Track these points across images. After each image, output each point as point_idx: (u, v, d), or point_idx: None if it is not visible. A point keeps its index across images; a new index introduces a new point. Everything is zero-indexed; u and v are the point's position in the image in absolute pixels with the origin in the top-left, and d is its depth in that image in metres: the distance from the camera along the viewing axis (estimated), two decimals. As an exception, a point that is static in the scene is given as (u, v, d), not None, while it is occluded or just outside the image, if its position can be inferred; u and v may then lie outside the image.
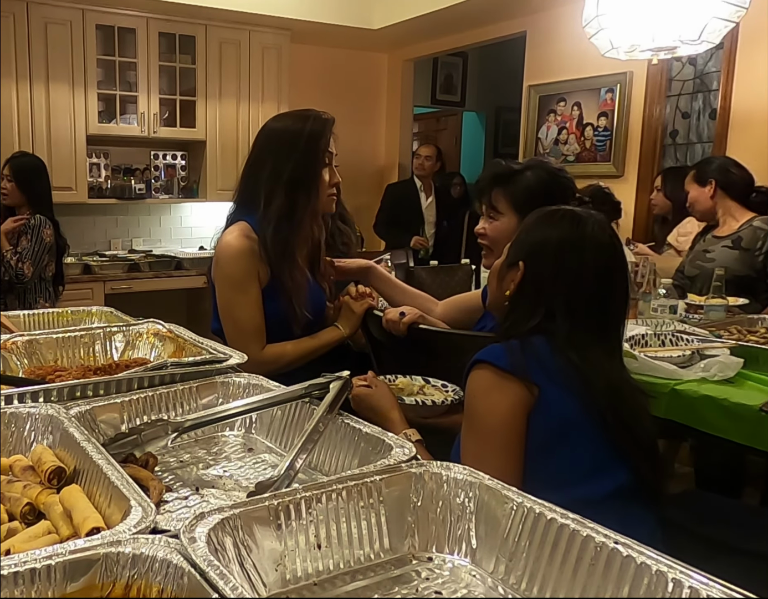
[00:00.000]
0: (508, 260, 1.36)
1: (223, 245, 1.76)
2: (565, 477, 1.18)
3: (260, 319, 1.76)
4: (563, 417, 1.20)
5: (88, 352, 1.61)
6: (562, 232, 1.28)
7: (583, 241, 1.27)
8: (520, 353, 1.22)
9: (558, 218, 1.31)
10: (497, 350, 1.24)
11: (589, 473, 1.19)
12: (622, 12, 2.59)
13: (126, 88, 4.65)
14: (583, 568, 0.75)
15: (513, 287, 1.32)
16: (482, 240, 1.76)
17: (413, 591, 0.81)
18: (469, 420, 1.25)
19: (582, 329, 1.24)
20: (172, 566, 0.69)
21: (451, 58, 6.43)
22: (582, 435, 1.20)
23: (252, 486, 0.99)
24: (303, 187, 1.73)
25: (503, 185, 1.70)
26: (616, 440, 1.20)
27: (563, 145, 4.51)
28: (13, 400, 1.15)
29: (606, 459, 1.21)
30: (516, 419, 1.20)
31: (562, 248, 1.27)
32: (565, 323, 1.24)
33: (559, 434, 1.20)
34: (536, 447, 1.19)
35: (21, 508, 0.87)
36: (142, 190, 4.86)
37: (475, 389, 1.24)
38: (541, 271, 1.28)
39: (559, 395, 1.20)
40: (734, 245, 2.78)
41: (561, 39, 4.37)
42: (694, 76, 3.89)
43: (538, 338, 1.25)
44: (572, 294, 1.25)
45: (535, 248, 1.30)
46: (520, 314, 1.29)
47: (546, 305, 1.26)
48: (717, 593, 0.65)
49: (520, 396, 1.19)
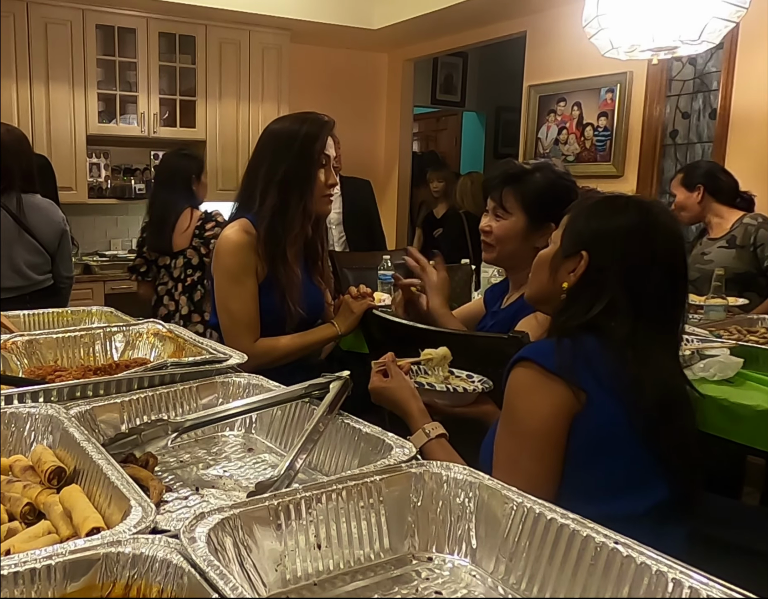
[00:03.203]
0: (565, 250, 1.25)
1: (223, 239, 1.82)
2: (602, 489, 1.12)
3: (255, 312, 1.80)
4: (608, 427, 1.13)
5: (88, 352, 1.62)
6: (630, 219, 1.20)
7: (654, 229, 1.19)
8: (570, 354, 1.14)
9: (623, 204, 1.23)
10: (545, 348, 1.16)
11: (628, 486, 1.13)
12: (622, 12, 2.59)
13: (126, 88, 4.65)
14: (583, 568, 0.75)
15: (573, 278, 1.22)
16: (486, 237, 1.76)
17: (413, 591, 0.81)
18: (506, 419, 1.18)
19: (644, 325, 1.16)
20: (172, 566, 0.69)
21: (451, 58, 6.43)
22: (625, 447, 1.13)
23: (252, 486, 0.99)
24: (296, 186, 1.78)
25: (514, 185, 1.71)
26: (660, 453, 1.14)
27: (563, 145, 4.51)
28: (13, 400, 1.15)
29: (646, 473, 1.14)
30: (557, 425, 1.13)
31: (631, 235, 1.18)
32: (627, 317, 1.15)
33: (601, 444, 1.13)
34: (575, 456, 1.13)
35: (21, 508, 0.87)
36: (142, 190, 4.86)
37: (516, 387, 1.17)
38: (607, 260, 1.19)
39: (607, 403, 1.13)
40: (729, 244, 2.82)
41: (561, 39, 4.37)
42: (694, 76, 3.89)
43: (590, 338, 1.17)
44: (638, 286, 1.17)
45: (601, 235, 1.21)
46: (580, 307, 1.20)
47: (608, 297, 1.17)
48: (717, 593, 0.65)
49: (565, 400, 1.12)
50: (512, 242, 1.71)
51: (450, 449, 1.25)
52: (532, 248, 1.70)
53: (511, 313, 1.72)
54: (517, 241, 1.71)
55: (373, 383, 1.40)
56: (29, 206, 2.88)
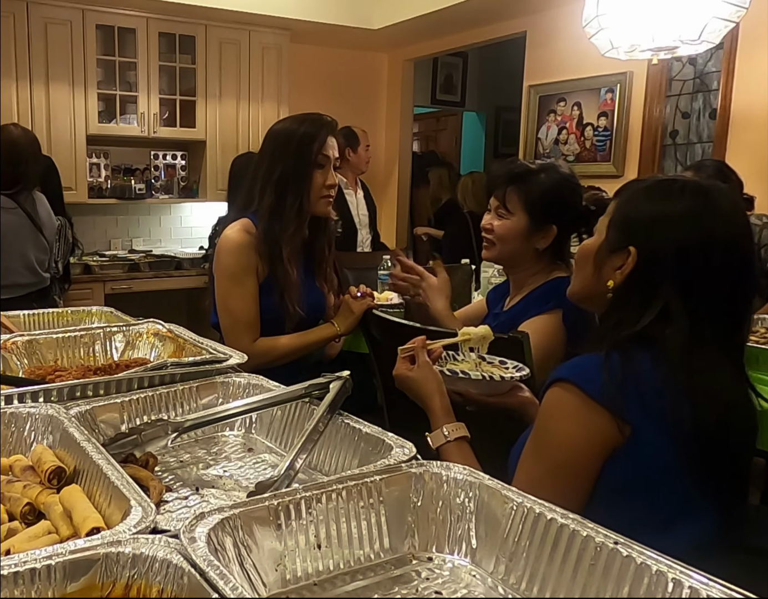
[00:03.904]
0: (610, 244, 1.10)
1: (224, 239, 1.83)
2: (639, 526, 0.96)
3: (255, 311, 1.81)
4: (653, 464, 1.00)
5: (88, 352, 1.62)
6: (687, 206, 1.04)
7: (715, 218, 1.03)
8: (618, 377, 0.99)
9: (678, 189, 1.06)
10: (589, 368, 1.02)
11: (670, 521, 1.00)
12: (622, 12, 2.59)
13: (126, 88, 4.64)
14: (583, 568, 0.75)
15: (620, 277, 1.08)
16: (487, 235, 1.76)
17: (413, 591, 0.81)
18: (536, 439, 1.07)
19: (705, 332, 1.01)
20: (172, 566, 0.69)
21: (451, 58, 6.43)
22: (671, 481, 1.00)
23: (252, 486, 0.99)
24: (292, 186, 1.79)
25: (518, 184, 1.70)
26: (712, 480, 1.00)
27: (563, 145, 4.51)
28: (13, 400, 1.14)
29: (693, 503, 1.01)
30: (592, 459, 1.01)
31: (688, 226, 1.03)
32: (683, 325, 1.01)
33: (641, 481, 1.00)
34: (609, 491, 1.01)
35: (21, 508, 0.87)
36: (142, 190, 4.85)
37: (551, 410, 1.05)
38: (661, 256, 1.04)
39: (655, 436, 0.99)
40: None
41: (561, 39, 4.37)
42: (694, 76, 3.88)
43: (643, 355, 1.02)
44: (699, 284, 1.02)
45: (652, 227, 1.05)
46: (630, 311, 1.05)
47: (662, 302, 1.02)
48: (717, 593, 0.65)
49: (605, 433, 0.99)
50: (513, 241, 1.71)
51: (469, 453, 1.17)
52: (532, 248, 1.71)
53: (512, 316, 1.72)
54: (518, 241, 1.71)
55: (398, 369, 1.30)
56: (39, 204, 2.98)
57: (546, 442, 1.05)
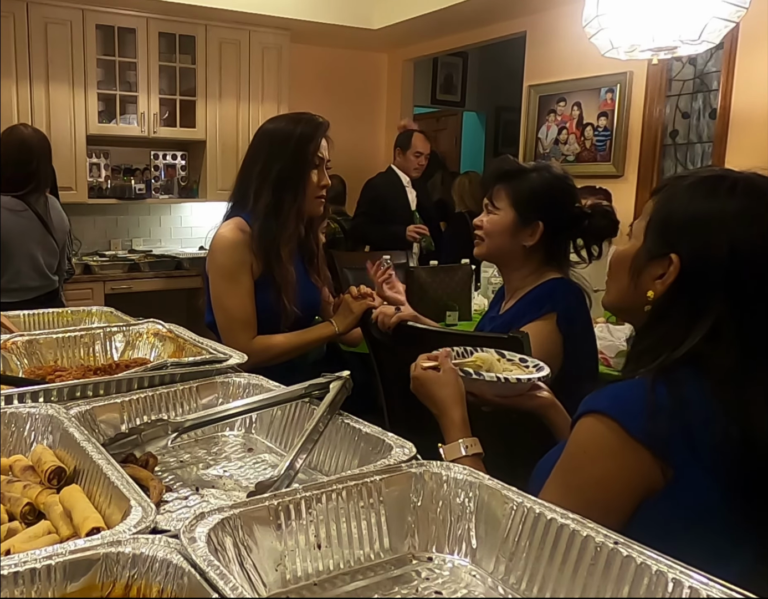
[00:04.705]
0: (649, 250, 0.98)
1: (218, 237, 1.83)
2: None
3: (251, 309, 1.81)
4: (695, 508, 0.90)
5: (88, 352, 1.62)
6: (739, 206, 0.92)
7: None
8: (665, 414, 0.88)
9: (728, 186, 0.94)
10: (632, 402, 0.91)
11: (710, 561, 0.91)
12: (622, 12, 2.59)
13: (126, 88, 4.65)
14: (583, 568, 0.75)
15: (661, 287, 0.96)
16: (478, 231, 1.78)
17: (413, 591, 0.81)
18: (566, 473, 0.97)
19: (760, 351, 0.90)
20: (172, 566, 0.69)
21: (451, 58, 6.43)
22: (714, 523, 0.90)
23: (252, 486, 0.99)
24: (290, 186, 1.79)
25: (507, 181, 1.71)
26: (754, 511, 0.90)
27: (563, 145, 4.51)
28: (13, 400, 1.15)
29: (735, 539, 0.91)
30: (627, 501, 0.91)
31: (740, 229, 0.90)
32: (736, 341, 0.89)
33: (681, 525, 0.90)
34: (645, 531, 0.85)
35: (21, 508, 0.87)
36: (142, 190, 4.86)
37: (586, 444, 0.94)
38: (710, 264, 0.91)
39: (700, 479, 0.89)
40: None
41: (561, 39, 4.37)
42: (694, 76, 3.88)
43: (689, 377, 0.90)
44: (754, 297, 0.90)
45: (697, 230, 0.93)
46: (673, 328, 0.94)
47: (712, 319, 0.90)
48: (717, 593, 0.65)
49: (645, 475, 0.89)
50: (500, 236, 1.71)
51: (482, 471, 1.10)
52: (520, 245, 1.70)
53: (507, 320, 1.71)
54: (505, 236, 1.70)
55: (417, 369, 1.21)
56: (52, 207, 2.98)
57: (577, 477, 0.95)
